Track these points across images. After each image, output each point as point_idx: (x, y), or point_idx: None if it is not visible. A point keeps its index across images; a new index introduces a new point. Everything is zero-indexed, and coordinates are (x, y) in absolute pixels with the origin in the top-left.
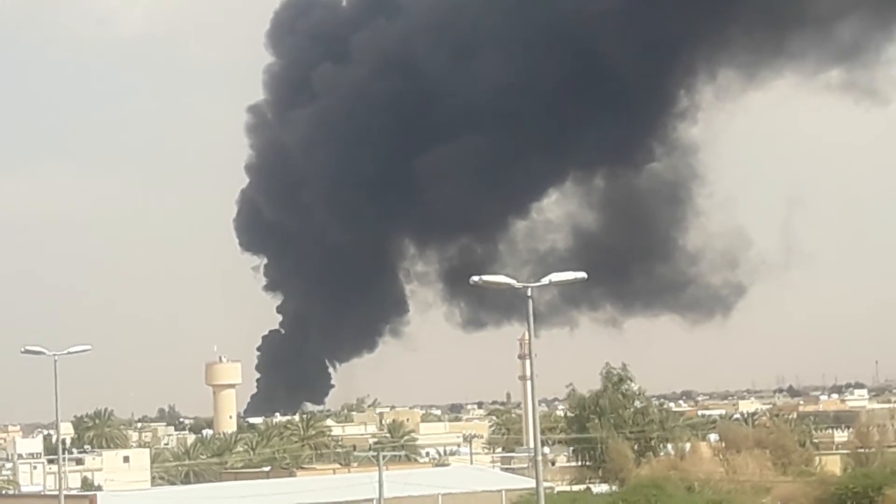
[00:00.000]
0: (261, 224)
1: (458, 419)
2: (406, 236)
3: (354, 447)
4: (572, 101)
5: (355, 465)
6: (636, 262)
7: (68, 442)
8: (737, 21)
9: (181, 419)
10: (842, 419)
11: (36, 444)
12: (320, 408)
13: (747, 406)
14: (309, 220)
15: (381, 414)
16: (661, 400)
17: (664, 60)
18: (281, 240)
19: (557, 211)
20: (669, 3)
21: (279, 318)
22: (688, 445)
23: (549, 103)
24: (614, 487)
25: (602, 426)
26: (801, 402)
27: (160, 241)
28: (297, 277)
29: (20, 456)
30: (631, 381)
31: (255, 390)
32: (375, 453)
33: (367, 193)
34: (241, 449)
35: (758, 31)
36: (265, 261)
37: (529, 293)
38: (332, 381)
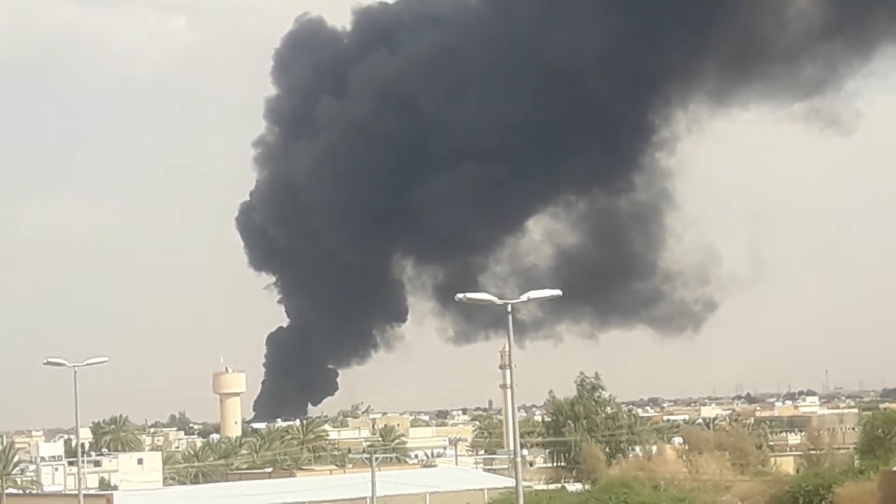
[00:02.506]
0: (269, 246)
1: (444, 424)
2: (406, 256)
3: (349, 450)
4: (559, 133)
5: (350, 466)
6: (614, 279)
7: (87, 446)
8: (709, 57)
9: (190, 424)
10: (795, 424)
11: (57, 447)
12: (320, 414)
13: (708, 412)
14: (317, 243)
15: (373, 419)
16: (630, 406)
17: (644, 95)
18: (289, 260)
19: (543, 232)
20: (649, 42)
21: (285, 331)
22: (654, 448)
23: (538, 136)
24: (587, 486)
25: (576, 430)
26: (758, 408)
27: (171, 262)
28: (304, 293)
29: (43, 459)
30: (603, 389)
31: (262, 394)
32: (369, 455)
33: (372, 219)
34: (246, 452)
35: (728, 65)
36: (275, 279)
37: (509, 309)
38: (337, 384)
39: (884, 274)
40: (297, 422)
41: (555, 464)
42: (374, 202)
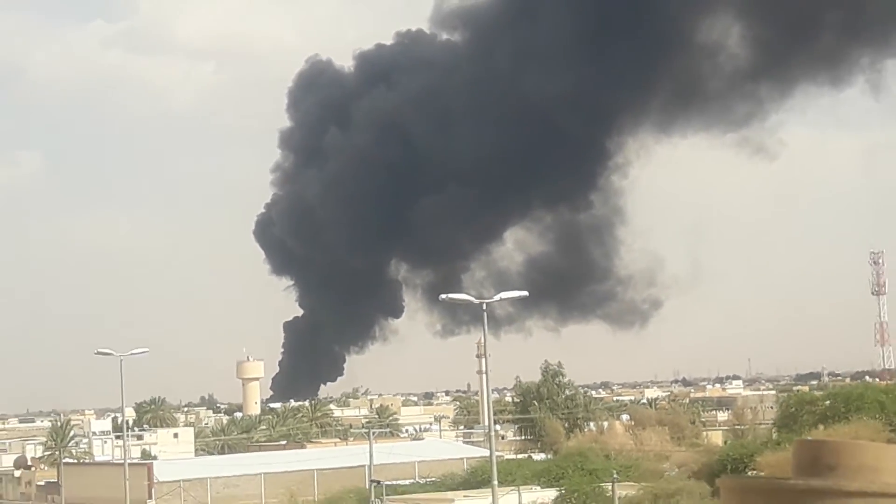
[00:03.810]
0: (287, 255)
1: (430, 404)
2: (401, 262)
3: (351, 426)
4: (531, 159)
5: (352, 439)
6: (575, 281)
7: (131, 422)
8: (655, 94)
9: (218, 404)
10: (723, 403)
11: (106, 424)
12: (326, 396)
13: (651, 393)
14: (327, 252)
15: (371, 400)
16: (586, 389)
17: (601, 127)
18: (305, 266)
19: (515, 242)
20: (606, 82)
21: (300, 320)
22: (606, 424)
23: (513, 162)
24: (550, 455)
25: (540, 409)
26: (692, 391)
27: (201, 268)
28: (317, 293)
29: (94, 433)
30: (563, 374)
31: (279, 374)
32: (367, 430)
33: (373, 232)
34: (264, 427)
35: (671, 101)
36: (293, 282)
37: (484, 307)
38: (343, 369)
39: (798, 278)
40: (307, 402)
41: (523, 437)
42: (374, 218)
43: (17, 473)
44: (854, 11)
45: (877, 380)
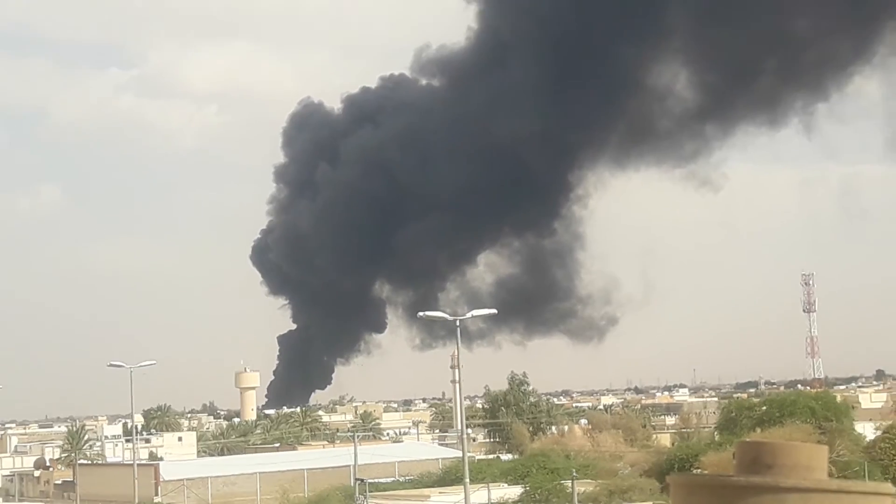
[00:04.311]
0: (282, 277)
1: (408, 410)
2: (384, 283)
3: (338, 430)
4: (501, 191)
5: (338, 442)
6: (540, 300)
7: (139, 427)
8: (612, 133)
9: (218, 411)
10: (670, 409)
11: (117, 429)
12: (315, 402)
13: (607, 400)
14: (319, 274)
15: (356, 406)
16: (548, 396)
17: (564, 162)
18: (298, 287)
19: (486, 264)
20: (568, 123)
21: (293, 333)
22: (566, 427)
23: (486, 193)
24: (516, 456)
25: (507, 414)
26: (643, 398)
27: (204, 289)
28: (309, 310)
29: (106, 437)
30: (528, 383)
31: (274, 382)
32: (352, 434)
33: (360, 256)
34: (259, 431)
35: (625, 139)
36: (287, 301)
37: (457, 323)
38: (332, 378)
39: (738, 297)
40: (299, 409)
41: (492, 440)
42: (361, 243)
43: (37, 473)
44: (789, 59)
45: (808, 388)
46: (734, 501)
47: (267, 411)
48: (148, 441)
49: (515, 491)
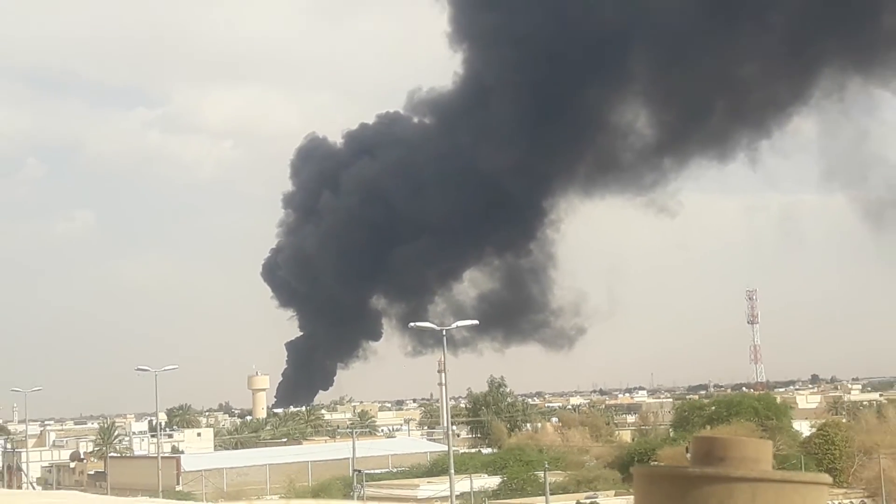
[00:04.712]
0: (291, 292)
1: (400, 409)
2: (381, 297)
3: (338, 427)
4: (485, 216)
5: (338, 437)
6: (517, 312)
7: (163, 424)
8: (581, 165)
9: (233, 409)
10: (631, 409)
11: (143, 425)
12: (318, 402)
13: (575, 401)
14: (323, 289)
15: (354, 406)
16: (524, 397)
17: (539, 191)
18: (304, 300)
19: (469, 280)
20: (543, 156)
21: (300, 340)
22: (539, 425)
23: (471, 219)
24: (495, 450)
25: (488, 413)
26: (607, 399)
27: (221, 301)
28: (314, 321)
29: (133, 433)
30: (505, 386)
31: (282, 383)
32: (351, 430)
33: (359, 274)
34: (269, 428)
35: (593, 171)
36: (295, 313)
37: (444, 333)
38: (333, 380)
39: (691, 310)
40: (304, 408)
41: (473, 435)
42: (360, 262)
43: (72, 465)
44: (736, 101)
45: (751, 390)
46: (690, 490)
47: (276, 410)
48: (170, 436)
49: (494, 481)
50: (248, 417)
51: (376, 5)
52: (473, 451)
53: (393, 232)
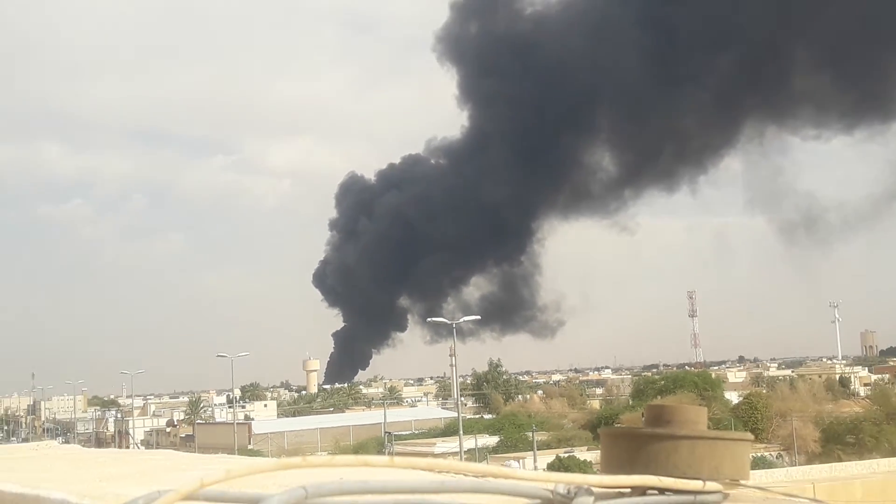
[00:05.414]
0: (337, 295)
1: (421, 385)
2: (407, 298)
3: (372, 399)
4: (486, 237)
5: (373, 407)
6: (511, 309)
7: (238, 398)
8: (560, 195)
9: (291, 386)
10: (599, 384)
11: (222, 399)
12: (357, 380)
13: (556, 377)
14: (361, 293)
15: (385, 382)
16: (516, 375)
17: (528, 216)
18: (347, 301)
19: (474, 284)
20: (531, 189)
21: (343, 330)
22: (528, 396)
23: (476, 239)
24: (494, 416)
25: (488, 387)
26: (581, 376)
27: (284, 303)
28: (354, 316)
29: (215, 405)
30: (502, 366)
31: (329, 363)
32: (382, 402)
33: (390, 280)
34: (320, 400)
35: (569, 200)
36: (339, 311)
37: (454, 326)
38: (369, 362)
39: (645, 307)
40: (346, 384)
41: (477, 405)
42: (390, 273)
43: (168, 430)
44: (680, 146)
45: (692, 369)
46: (644, 445)
47: (325, 386)
48: (243, 407)
49: (494, 440)
50: (303, 392)
51: (403, 74)
52: (477, 417)
53: (415, 248)
